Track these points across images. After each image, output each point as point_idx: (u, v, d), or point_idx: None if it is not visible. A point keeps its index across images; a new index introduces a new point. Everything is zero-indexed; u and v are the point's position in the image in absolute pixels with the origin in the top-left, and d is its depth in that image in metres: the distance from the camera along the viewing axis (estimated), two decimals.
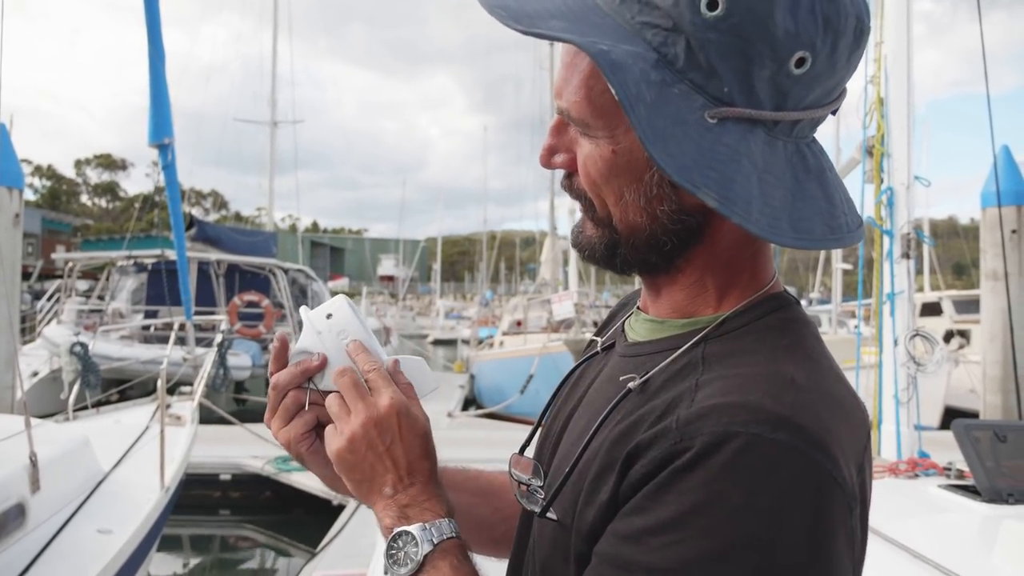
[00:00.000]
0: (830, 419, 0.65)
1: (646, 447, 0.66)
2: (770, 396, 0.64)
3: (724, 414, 0.63)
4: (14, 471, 3.31)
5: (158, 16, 6.25)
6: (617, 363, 0.83)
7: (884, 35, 4.13)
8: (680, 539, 0.61)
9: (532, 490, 0.82)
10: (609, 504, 0.69)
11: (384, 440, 0.80)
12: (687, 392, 0.68)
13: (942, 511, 3.00)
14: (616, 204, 0.75)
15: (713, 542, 0.60)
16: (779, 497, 0.60)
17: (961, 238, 44.31)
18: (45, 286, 22.31)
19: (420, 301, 63.15)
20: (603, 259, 0.80)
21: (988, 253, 6.82)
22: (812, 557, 0.60)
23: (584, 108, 0.72)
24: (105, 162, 74.03)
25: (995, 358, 7.12)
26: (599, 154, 0.73)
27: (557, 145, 0.78)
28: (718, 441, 0.61)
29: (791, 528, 0.60)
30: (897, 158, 4.03)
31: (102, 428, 5.42)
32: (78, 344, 8.08)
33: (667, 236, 0.74)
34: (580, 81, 0.72)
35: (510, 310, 20.82)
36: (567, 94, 0.73)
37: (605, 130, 0.72)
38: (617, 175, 0.73)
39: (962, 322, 14.94)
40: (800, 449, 0.61)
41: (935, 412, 9.42)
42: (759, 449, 0.61)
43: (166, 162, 6.59)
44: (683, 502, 0.61)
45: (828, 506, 0.61)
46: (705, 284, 0.77)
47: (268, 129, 27.12)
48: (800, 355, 0.70)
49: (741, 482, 0.60)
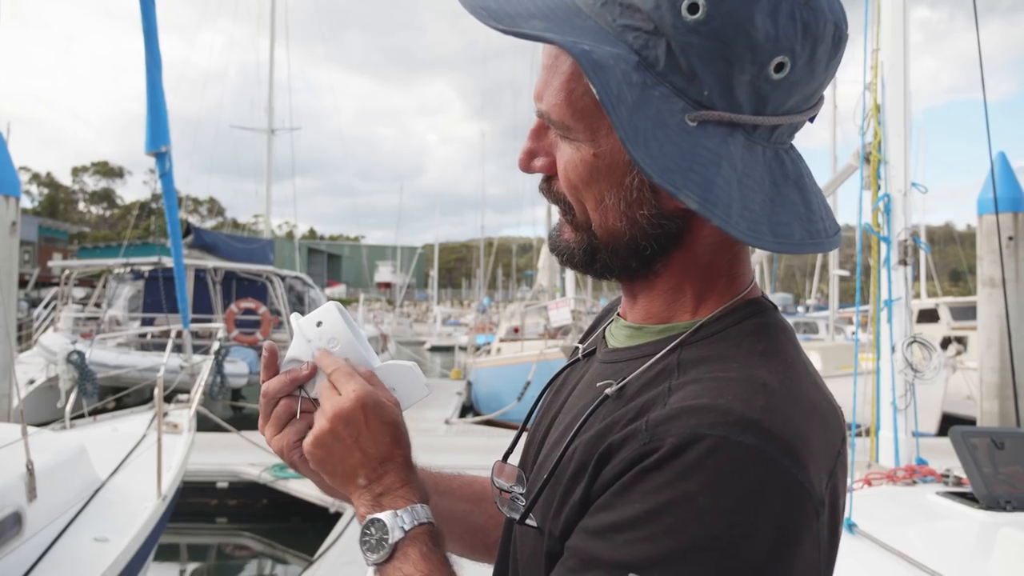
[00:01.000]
0: (801, 424, 0.65)
1: (617, 448, 0.67)
2: (741, 400, 0.64)
3: (693, 416, 0.63)
4: (11, 480, 3.30)
5: (154, 23, 6.25)
6: (597, 369, 0.84)
7: (881, 42, 4.15)
8: (644, 536, 0.62)
9: (514, 497, 0.82)
10: (581, 504, 0.70)
11: (351, 432, 0.81)
12: (660, 395, 0.69)
13: (940, 518, 3.00)
14: (596, 209, 0.75)
15: (676, 541, 0.61)
16: (743, 499, 0.60)
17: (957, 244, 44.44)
18: (42, 294, 22.27)
19: (417, 308, 63.09)
20: (582, 264, 0.79)
21: (985, 260, 6.84)
22: (774, 560, 0.60)
23: (565, 111, 0.72)
24: (102, 170, 74.03)
25: (992, 365, 7.12)
26: (579, 158, 0.73)
27: (536, 149, 0.78)
28: (685, 442, 0.62)
29: (754, 530, 0.60)
30: (894, 165, 4.05)
31: (99, 436, 5.40)
32: (75, 352, 8.06)
33: (647, 241, 0.74)
34: (561, 83, 0.71)
35: (507, 317, 20.80)
36: (547, 97, 0.73)
37: (586, 133, 0.72)
38: (597, 179, 0.73)
39: (959, 329, 14.96)
40: (767, 453, 0.61)
41: (932, 419, 9.41)
42: (726, 451, 0.61)
43: (163, 170, 6.57)
44: (648, 501, 0.62)
45: (792, 510, 0.62)
46: (683, 290, 0.78)
47: (265, 136, 27.12)
48: (775, 360, 0.70)
49: (706, 483, 0.61)
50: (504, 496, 0.84)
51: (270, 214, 27.48)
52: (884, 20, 4.14)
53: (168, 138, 6.50)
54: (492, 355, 16.83)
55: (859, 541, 2.86)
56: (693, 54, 0.65)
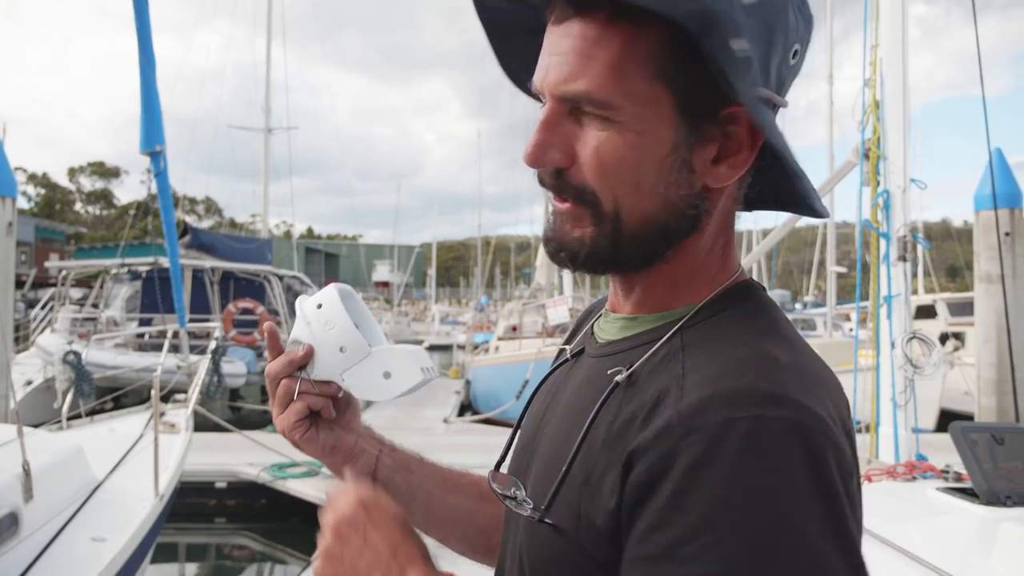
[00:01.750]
0: (819, 392, 0.66)
1: (648, 445, 0.65)
2: (762, 377, 0.64)
3: (724, 402, 0.63)
4: (7, 480, 3.29)
5: (148, 23, 6.24)
6: (593, 364, 0.83)
7: (880, 38, 4.14)
8: (716, 539, 0.60)
9: (520, 501, 0.80)
10: (615, 509, 0.68)
11: (357, 532, 0.79)
12: (674, 382, 0.68)
13: (940, 514, 2.99)
14: (630, 194, 0.73)
15: (751, 533, 0.59)
16: (795, 472, 0.61)
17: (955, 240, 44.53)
18: (39, 294, 22.22)
19: (415, 307, 63.12)
20: (588, 259, 0.76)
21: (982, 256, 6.85)
22: (835, 523, 0.61)
23: (614, 88, 0.69)
24: (99, 170, 73.88)
25: (989, 360, 7.14)
26: (620, 140, 0.71)
27: (550, 140, 0.73)
28: (725, 430, 0.62)
29: (812, 499, 0.60)
30: (893, 161, 4.04)
31: (96, 436, 5.39)
32: (71, 352, 8.05)
33: (679, 222, 0.74)
34: (609, 60, 0.69)
35: (505, 315, 20.79)
36: (589, 76, 0.70)
37: (631, 113, 0.70)
38: (638, 162, 0.71)
39: (956, 324, 14.99)
40: (804, 423, 0.62)
41: (930, 415, 9.42)
42: (766, 429, 0.61)
43: (158, 169, 6.57)
44: (706, 501, 0.61)
45: (834, 471, 0.62)
46: (685, 275, 0.78)
47: (262, 135, 27.09)
48: (776, 336, 0.72)
49: (758, 465, 0.61)
50: (510, 501, 0.82)
51: (267, 214, 27.45)
52: (883, 16, 4.13)
53: (162, 137, 6.49)
54: (490, 354, 16.83)
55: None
56: (747, 35, 0.68)
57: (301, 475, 7.98)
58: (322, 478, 7.84)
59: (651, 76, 0.69)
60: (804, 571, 0.59)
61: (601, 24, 0.69)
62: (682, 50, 0.68)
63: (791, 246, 51.14)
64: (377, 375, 0.90)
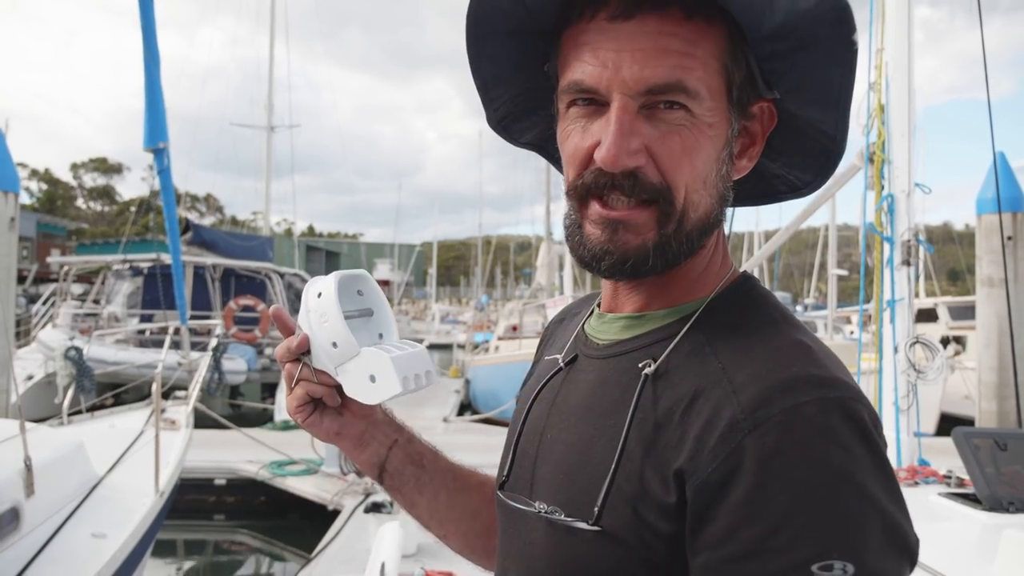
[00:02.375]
0: (845, 371, 0.71)
1: (715, 444, 0.65)
2: (809, 363, 0.68)
3: (784, 391, 0.65)
4: (8, 475, 3.29)
5: (152, 20, 6.24)
6: (605, 365, 0.81)
7: (885, 42, 4.13)
8: (807, 522, 0.61)
9: (550, 511, 0.76)
10: (677, 507, 0.67)
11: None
12: (715, 378, 0.69)
13: (942, 519, 2.99)
14: (700, 188, 0.74)
15: (838, 508, 0.62)
16: (857, 445, 0.64)
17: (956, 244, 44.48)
18: (40, 290, 22.23)
19: (416, 306, 63.04)
20: (655, 263, 0.75)
21: (984, 259, 6.84)
22: (893, 487, 0.66)
23: (701, 78, 0.71)
24: (101, 166, 73.83)
25: (991, 364, 7.13)
26: (698, 133, 0.72)
27: (631, 140, 0.71)
28: (792, 417, 0.64)
29: (875, 468, 0.64)
30: (898, 165, 4.03)
31: (97, 432, 5.39)
32: (73, 348, 8.06)
33: (719, 215, 0.77)
34: (696, 53, 0.71)
35: (505, 315, 20.79)
36: (678, 66, 0.70)
37: (710, 102, 0.72)
38: (709, 154, 0.74)
39: (957, 328, 14.96)
40: (852, 398, 0.66)
41: (931, 419, 9.41)
42: (827, 410, 0.64)
43: (161, 166, 6.56)
44: (790, 488, 0.62)
45: (879, 438, 0.67)
46: (697, 271, 0.80)
47: (264, 133, 27.10)
48: (793, 324, 0.76)
49: (830, 444, 0.63)
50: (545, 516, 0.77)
51: (269, 211, 27.45)
52: (888, 20, 4.12)
53: (166, 134, 6.49)
54: (490, 353, 16.83)
55: None
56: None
57: (300, 473, 7.97)
58: (321, 476, 7.83)
59: (720, 70, 0.72)
60: (884, 532, 0.63)
61: (678, 19, 0.70)
62: (737, 47, 0.73)
63: (792, 248, 51.16)
64: (364, 377, 0.87)
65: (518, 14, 0.77)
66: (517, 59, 0.84)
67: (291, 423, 9.66)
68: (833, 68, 0.73)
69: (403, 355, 0.88)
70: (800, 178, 0.85)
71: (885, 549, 0.62)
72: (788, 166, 0.84)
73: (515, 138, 0.94)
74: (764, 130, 0.79)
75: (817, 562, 0.60)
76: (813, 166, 0.83)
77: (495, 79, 0.87)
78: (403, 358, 0.87)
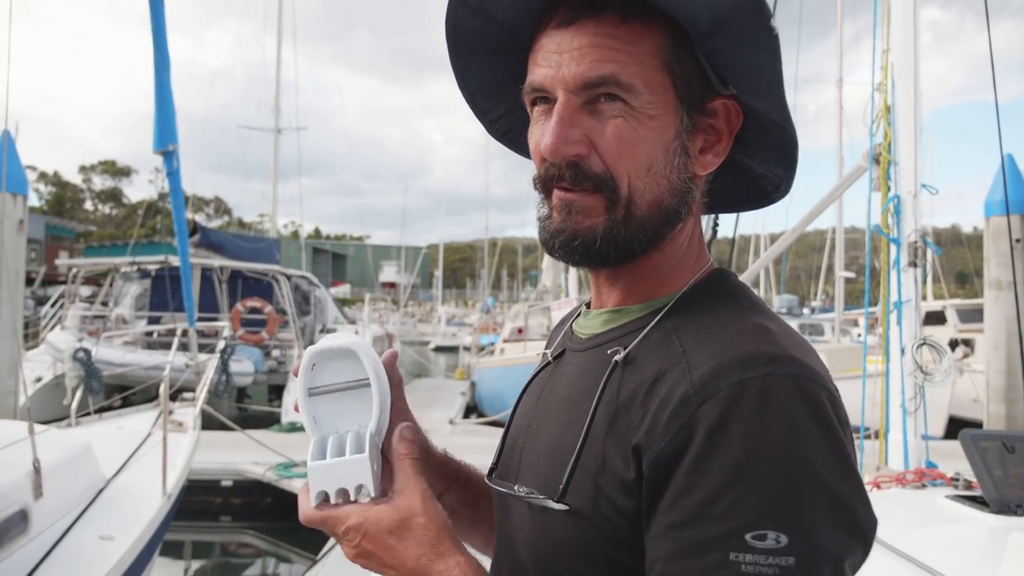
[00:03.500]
0: (809, 353, 0.73)
1: (667, 420, 0.69)
2: (761, 342, 0.71)
3: (732, 367, 0.68)
4: (17, 477, 3.30)
5: (163, 23, 6.26)
6: (584, 357, 0.86)
7: (891, 43, 4.12)
8: (744, 492, 0.64)
9: (528, 494, 0.81)
10: (635, 483, 0.71)
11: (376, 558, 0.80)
12: (675, 359, 0.73)
13: (950, 522, 2.97)
14: (643, 176, 0.78)
15: (776, 481, 0.64)
16: (805, 420, 0.66)
17: (964, 247, 44.26)
18: (48, 292, 22.31)
19: (422, 308, 63.08)
20: (603, 246, 0.79)
21: (992, 262, 6.81)
22: (845, 464, 0.67)
23: (636, 72, 0.76)
24: (110, 168, 74.19)
25: (999, 367, 7.10)
26: (637, 124, 0.77)
27: (570, 131, 0.77)
28: (738, 391, 0.67)
29: (824, 444, 0.66)
30: (904, 166, 4.02)
31: (104, 434, 5.40)
32: (81, 350, 8.09)
33: (678, 206, 0.81)
34: (630, 50, 0.76)
35: (511, 317, 20.79)
36: (612, 61, 0.76)
37: (649, 95, 0.77)
38: (651, 145, 0.78)
39: (966, 331, 14.90)
40: (805, 375, 0.68)
41: (939, 422, 9.37)
42: (775, 385, 0.67)
43: (170, 168, 6.58)
44: (732, 457, 0.65)
45: (837, 418, 0.69)
46: (668, 264, 0.84)
47: (272, 136, 27.14)
48: (760, 312, 0.79)
49: (774, 418, 0.65)
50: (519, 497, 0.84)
51: (276, 213, 27.50)
52: (894, 21, 4.12)
53: (176, 137, 6.51)
54: (496, 355, 16.83)
55: None
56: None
57: (306, 475, 7.98)
58: None
59: (660, 66, 0.77)
60: (827, 508, 0.64)
61: (615, 21, 0.76)
62: (680, 45, 0.77)
63: (798, 251, 50.98)
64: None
65: (493, 32, 0.84)
66: (501, 74, 0.90)
67: (297, 425, 9.67)
68: (761, 55, 0.77)
69: (325, 465, 0.81)
70: (775, 172, 0.88)
71: (828, 525, 0.64)
72: (763, 162, 0.88)
73: (522, 150, 0.97)
74: (731, 127, 0.82)
75: (751, 531, 0.62)
76: (780, 159, 0.86)
77: (482, 92, 0.94)
78: (325, 468, 0.81)
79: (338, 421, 0.86)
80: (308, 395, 0.85)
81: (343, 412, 0.86)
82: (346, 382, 0.86)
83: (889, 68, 4.11)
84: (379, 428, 0.84)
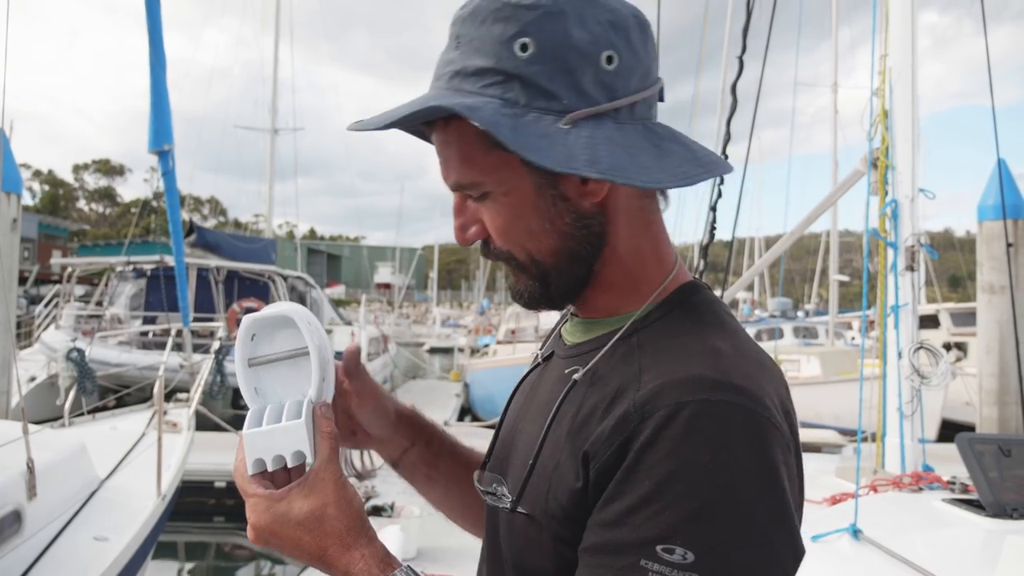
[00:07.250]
0: (757, 377, 0.75)
1: (610, 433, 0.74)
2: (708, 367, 0.73)
3: (673, 388, 0.72)
4: (11, 477, 3.28)
5: (159, 21, 6.23)
6: (559, 365, 0.92)
7: (889, 47, 4.14)
8: (661, 508, 0.68)
9: (499, 496, 0.89)
10: (582, 491, 0.76)
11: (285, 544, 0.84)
12: (632, 378, 0.77)
13: (946, 525, 2.99)
14: (530, 239, 0.84)
15: (692, 502, 0.68)
16: (735, 448, 0.69)
17: (957, 251, 44.43)
18: (41, 291, 22.23)
19: (417, 309, 63.03)
20: (541, 297, 0.87)
21: (985, 266, 6.83)
22: (770, 494, 0.70)
23: (471, 172, 0.82)
24: (103, 167, 74.01)
25: (992, 371, 7.12)
26: (498, 206, 0.83)
27: (466, 221, 0.87)
28: (673, 412, 0.70)
29: (750, 472, 0.69)
30: (902, 170, 4.03)
31: (99, 434, 5.38)
32: (75, 349, 8.05)
33: (580, 245, 0.84)
34: (459, 153, 0.82)
35: (506, 319, 20.83)
36: (453, 169, 0.84)
37: (494, 182, 0.82)
38: (520, 215, 0.83)
39: (959, 335, 14.97)
40: (743, 405, 0.71)
41: (933, 425, 9.40)
42: (709, 411, 0.70)
43: (166, 168, 6.55)
44: (655, 474, 0.69)
45: (773, 448, 0.71)
46: (622, 280, 0.87)
47: (268, 136, 27.08)
48: (722, 330, 0.81)
49: (701, 443, 0.69)
50: (491, 496, 0.92)
51: (272, 214, 27.44)
52: (892, 26, 4.13)
53: (171, 136, 6.48)
54: (488, 357, 16.83)
55: (865, 548, 2.85)
56: (542, 78, 0.78)
57: None
58: None
59: (488, 148, 0.79)
60: (741, 533, 0.68)
61: (443, 128, 0.83)
62: None
63: (793, 254, 51.08)
64: None
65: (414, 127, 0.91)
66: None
67: None
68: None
69: (260, 432, 0.81)
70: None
71: (740, 550, 0.67)
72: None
73: None
74: None
75: (662, 544, 0.67)
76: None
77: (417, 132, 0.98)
78: (260, 435, 0.81)
79: (283, 392, 0.86)
80: (248, 365, 0.86)
81: (290, 384, 0.86)
82: (287, 351, 0.86)
83: (887, 73, 4.12)
84: (319, 395, 0.84)
